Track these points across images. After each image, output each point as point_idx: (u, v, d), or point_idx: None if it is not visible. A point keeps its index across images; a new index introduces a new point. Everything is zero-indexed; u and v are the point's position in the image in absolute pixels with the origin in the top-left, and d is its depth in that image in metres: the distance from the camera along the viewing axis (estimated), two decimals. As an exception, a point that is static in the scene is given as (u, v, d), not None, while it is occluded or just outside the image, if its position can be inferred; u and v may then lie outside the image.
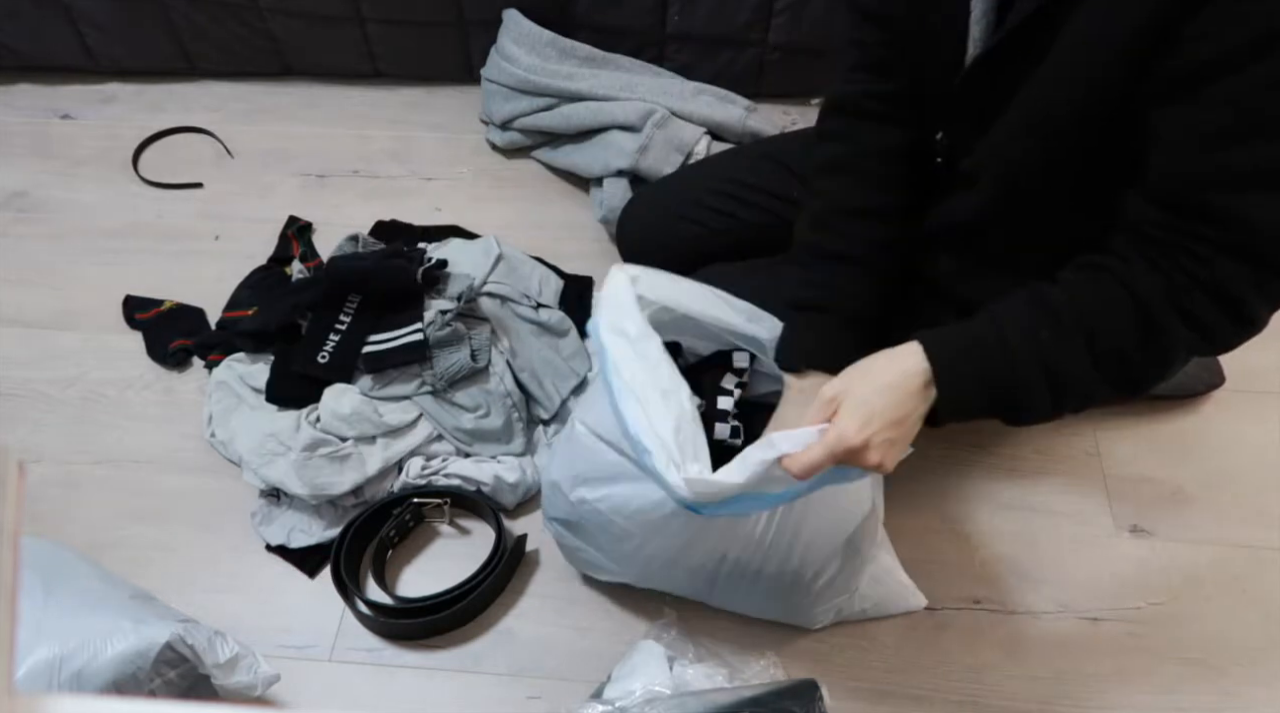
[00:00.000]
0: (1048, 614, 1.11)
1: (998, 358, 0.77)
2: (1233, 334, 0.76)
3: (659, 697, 0.93)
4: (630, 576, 1.05)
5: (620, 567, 1.04)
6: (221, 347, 1.32)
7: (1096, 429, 1.26)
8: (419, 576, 1.15)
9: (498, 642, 1.09)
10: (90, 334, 1.37)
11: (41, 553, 0.99)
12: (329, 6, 1.58)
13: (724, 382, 1.00)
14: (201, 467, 1.23)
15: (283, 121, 1.67)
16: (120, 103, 1.70)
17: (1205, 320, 0.74)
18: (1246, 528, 1.18)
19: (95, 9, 1.60)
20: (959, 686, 1.06)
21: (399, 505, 1.14)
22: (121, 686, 0.86)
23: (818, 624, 1.07)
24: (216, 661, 0.91)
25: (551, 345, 1.29)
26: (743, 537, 0.94)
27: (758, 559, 0.96)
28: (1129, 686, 1.05)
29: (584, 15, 1.56)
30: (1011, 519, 1.18)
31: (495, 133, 1.60)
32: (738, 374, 1.00)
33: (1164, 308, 0.74)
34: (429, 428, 1.19)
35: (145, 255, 1.47)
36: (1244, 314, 0.74)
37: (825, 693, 0.95)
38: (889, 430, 0.76)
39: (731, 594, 1.05)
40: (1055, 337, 0.77)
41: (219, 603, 1.10)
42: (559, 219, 1.52)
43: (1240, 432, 1.26)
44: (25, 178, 1.59)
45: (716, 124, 1.46)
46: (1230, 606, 1.11)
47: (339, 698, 1.05)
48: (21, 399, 1.31)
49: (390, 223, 1.50)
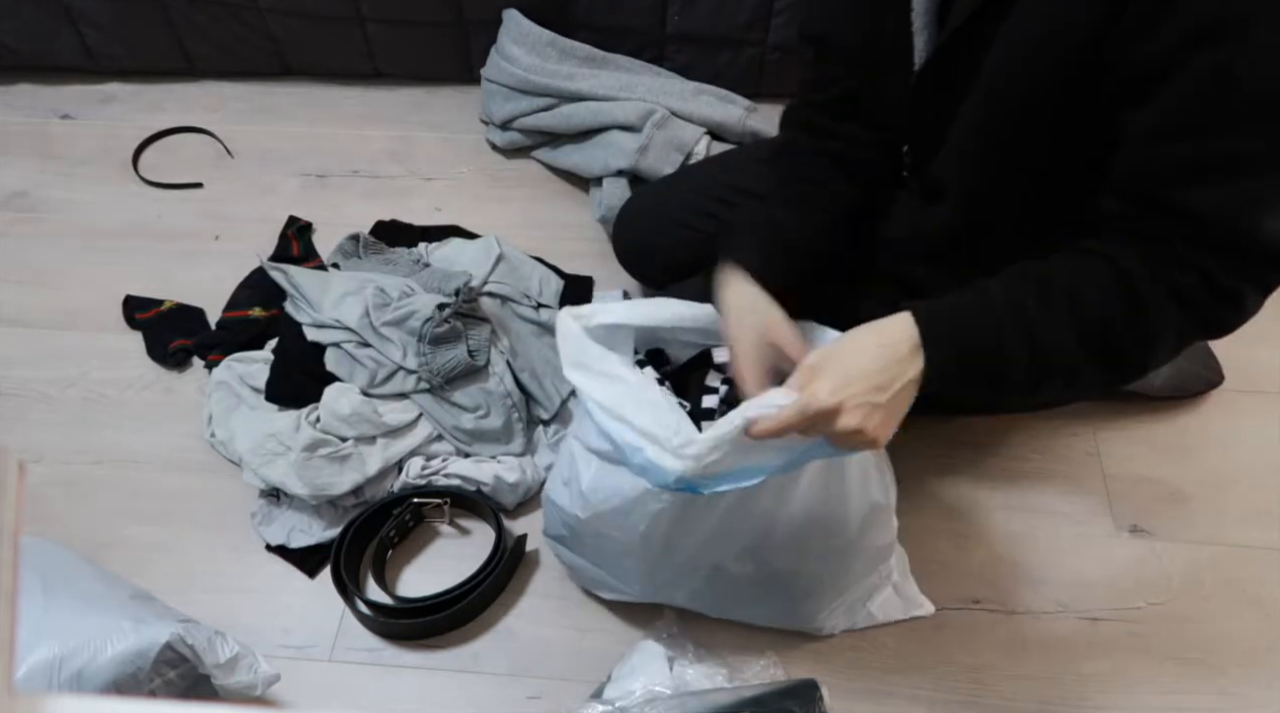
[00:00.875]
0: (1048, 614, 1.11)
1: (984, 322, 0.77)
2: (1220, 311, 0.76)
3: (659, 697, 0.94)
4: (633, 592, 1.05)
5: (622, 583, 1.04)
6: (221, 347, 1.32)
7: (1096, 429, 1.26)
8: (419, 575, 1.15)
9: (498, 642, 1.09)
10: (90, 334, 1.37)
11: (41, 553, 0.99)
12: (329, 6, 1.58)
13: (708, 380, 1.00)
14: (201, 467, 1.23)
15: (283, 121, 1.67)
16: (120, 103, 1.70)
17: (1189, 296, 0.74)
18: (1246, 528, 1.18)
19: (95, 9, 1.60)
20: (959, 686, 1.06)
21: (399, 505, 1.14)
22: (121, 686, 0.86)
23: (825, 632, 1.07)
24: (216, 661, 0.91)
25: (551, 345, 1.29)
26: (744, 541, 0.94)
27: (760, 562, 0.96)
28: (1129, 686, 1.05)
29: (584, 15, 1.56)
30: (1011, 519, 1.18)
31: (495, 133, 1.60)
32: (720, 370, 1.00)
33: (1146, 280, 0.74)
34: (429, 428, 1.19)
35: (145, 255, 1.47)
36: (1227, 292, 0.74)
37: (825, 693, 0.95)
38: (869, 394, 0.75)
39: (736, 604, 1.05)
40: (1040, 305, 0.76)
41: (219, 603, 1.10)
42: (559, 219, 1.52)
43: (1240, 432, 1.26)
44: (25, 178, 1.59)
45: (716, 124, 1.46)
46: (1230, 606, 1.11)
47: (339, 698, 1.05)
48: (21, 399, 1.31)
49: (390, 223, 1.50)
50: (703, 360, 1.01)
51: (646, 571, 1.00)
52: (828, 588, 1.01)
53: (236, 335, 1.33)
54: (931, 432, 1.23)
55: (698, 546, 0.94)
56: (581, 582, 1.10)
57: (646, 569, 1.00)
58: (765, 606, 1.04)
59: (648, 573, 1.00)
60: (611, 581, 1.05)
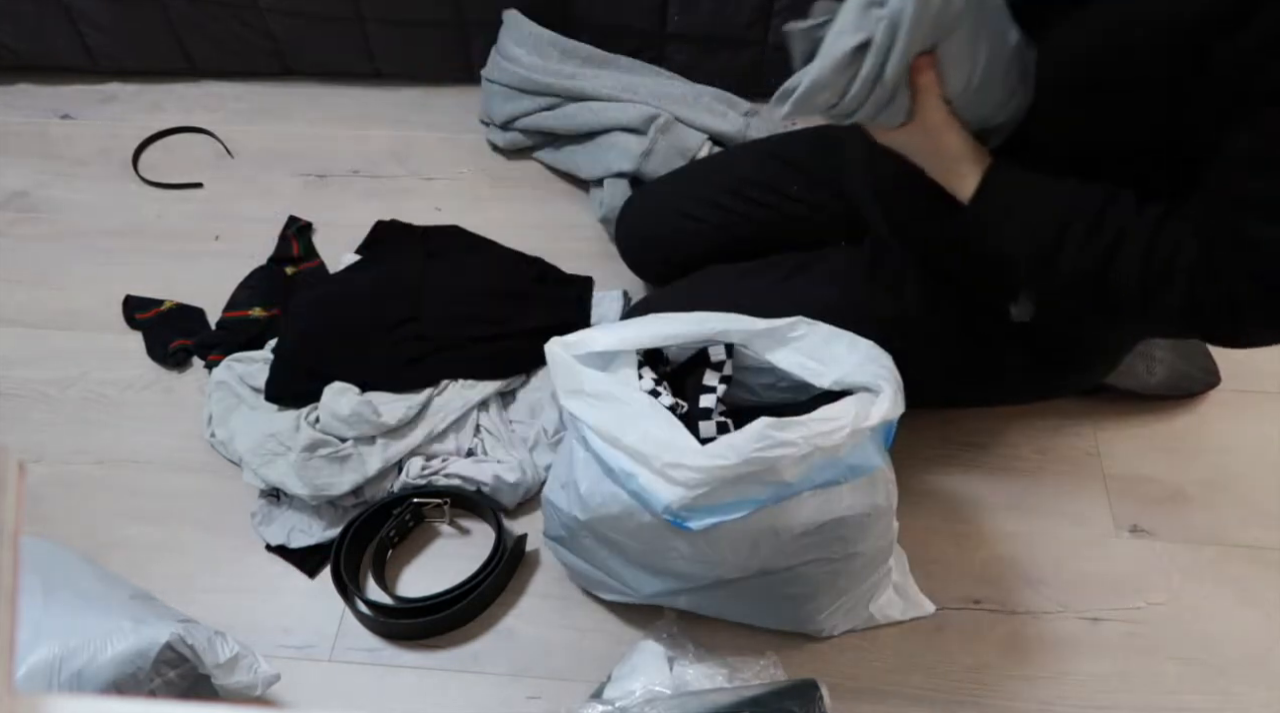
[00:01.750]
0: (1048, 614, 1.11)
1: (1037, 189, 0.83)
2: (1222, 327, 0.80)
3: (659, 697, 0.94)
4: (633, 593, 1.05)
5: (622, 584, 1.04)
6: (222, 347, 1.32)
7: (1096, 429, 1.26)
8: (419, 575, 1.15)
9: (498, 642, 1.09)
10: (90, 334, 1.37)
11: (41, 553, 0.99)
12: (329, 6, 1.58)
13: (705, 379, 1.00)
14: (201, 467, 1.23)
15: (283, 121, 1.67)
16: (120, 103, 1.70)
17: (1230, 296, 0.76)
18: (1246, 528, 1.18)
19: (95, 9, 1.60)
20: (959, 686, 1.06)
21: (399, 506, 1.14)
22: (121, 686, 0.86)
23: (826, 634, 1.07)
24: (216, 661, 0.91)
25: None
26: (743, 548, 0.94)
27: (760, 567, 0.96)
28: (1129, 686, 1.05)
29: (584, 15, 1.56)
30: (1011, 519, 1.18)
31: (496, 133, 1.59)
32: (717, 368, 1.00)
33: (1202, 274, 0.77)
34: (429, 427, 1.19)
35: (145, 255, 1.47)
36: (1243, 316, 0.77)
37: (825, 693, 0.95)
38: None
39: (736, 607, 1.05)
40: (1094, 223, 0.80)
41: (219, 603, 1.10)
42: (559, 219, 1.51)
43: (1240, 432, 1.26)
44: (25, 178, 1.59)
45: (717, 133, 1.46)
46: (1230, 606, 1.11)
47: (339, 698, 1.05)
48: (21, 399, 1.31)
49: (390, 223, 1.50)
50: (700, 360, 1.01)
51: (646, 574, 1.00)
52: (828, 591, 1.01)
53: (236, 335, 1.33)
54: (931, 431, 1.23)
55: (696, 552, 0.94)
56: (582, 583, 1.10)
57: (646, 573, 1.00)
58: (766, 608, 1.04)
59: (647, 577, 1.00)
60: (611, 582, 1.05)
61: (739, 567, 0.94)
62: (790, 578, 0.97)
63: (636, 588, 1.03)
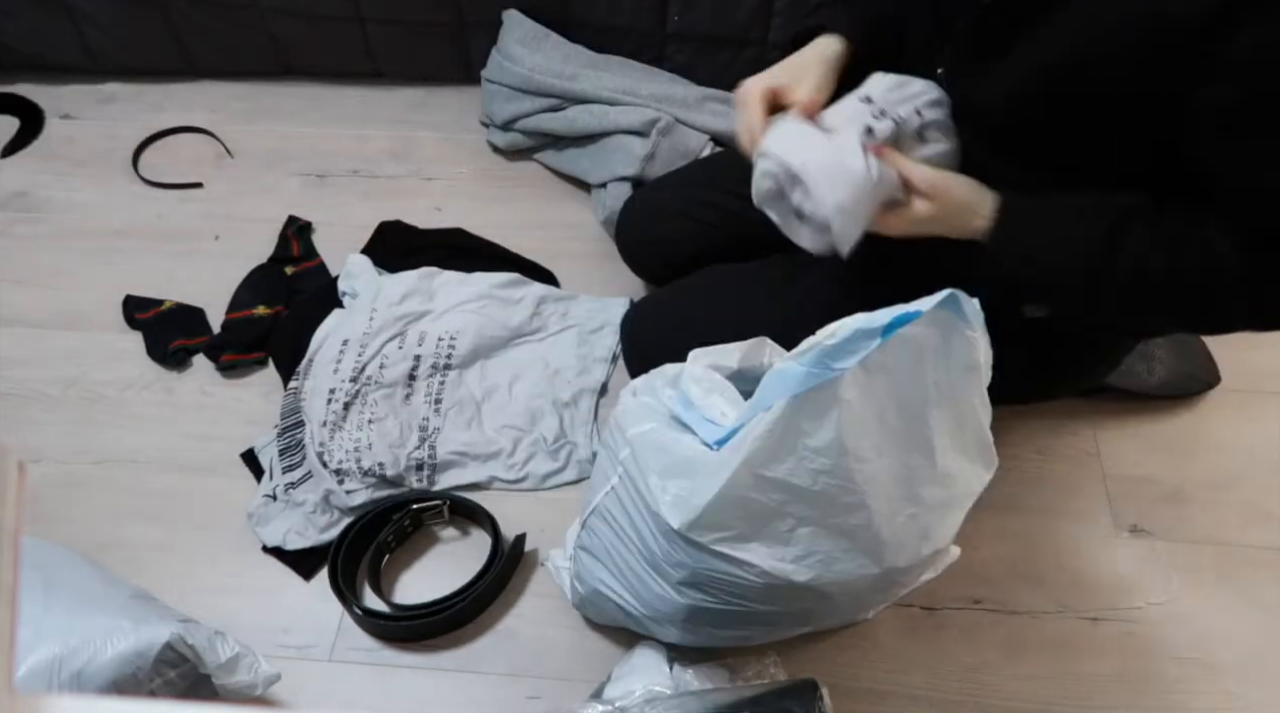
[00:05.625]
0: (1048, 614, 1.11)
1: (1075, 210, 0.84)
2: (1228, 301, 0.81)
3: (659, 697, 0.93)
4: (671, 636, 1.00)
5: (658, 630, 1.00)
6: (232, 347, 1.32)
7: (1096, 429, 1.26)
8: (417, 580, 1.14)
9: (498, 642, 1.09)
10: (90, 334, 1.37)
11: (41, 553, 0.99)
12: (329, 6, 1.58)
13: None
14: (201, 467, 1.23)
15: (283, 121, 1.67)
16: (120, 103, 1.70)
17: None
18: (1246, 528, 1.18)
19: (95, 9, 1.60)
20: (959, 686, 1.06)
21: (398, 511, 1.13)
22: (121, 686, 0.86)
23: (871, 614, 1.06)
24: (217, 660, 0.91)
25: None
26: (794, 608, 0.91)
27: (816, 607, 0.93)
28: (1129, 686, 1.05)
29: (584, 15, 1.55)
30: (1011, 519, 1.18)
31: (496, 134, 1.59)
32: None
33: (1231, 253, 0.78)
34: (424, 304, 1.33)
35: (145, 255, 1.47)
36: None
37: (825, 693, 0.94)
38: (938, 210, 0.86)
39: (788, 627, 1.01)
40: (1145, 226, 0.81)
41: (219, 603, 1.10)
42: (560, 220, 1.52)
43: (1240, 432, 1.26)
44: (25, 178, 1.59)
45: (718, 133, 1.46)
46: (1230, 606, 1.11)
47: (339, 698, 1.05)
48: (21, 399, 1.31)
49: (391, 223, 1.50)
50: None
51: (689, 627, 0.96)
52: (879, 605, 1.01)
53: (243, 335, 1.34)
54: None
55: (745, 613, 0.91)
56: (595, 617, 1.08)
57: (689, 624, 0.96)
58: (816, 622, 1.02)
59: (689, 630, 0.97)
60: (651, 626, 0.99)
61: None
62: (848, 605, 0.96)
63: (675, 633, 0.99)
